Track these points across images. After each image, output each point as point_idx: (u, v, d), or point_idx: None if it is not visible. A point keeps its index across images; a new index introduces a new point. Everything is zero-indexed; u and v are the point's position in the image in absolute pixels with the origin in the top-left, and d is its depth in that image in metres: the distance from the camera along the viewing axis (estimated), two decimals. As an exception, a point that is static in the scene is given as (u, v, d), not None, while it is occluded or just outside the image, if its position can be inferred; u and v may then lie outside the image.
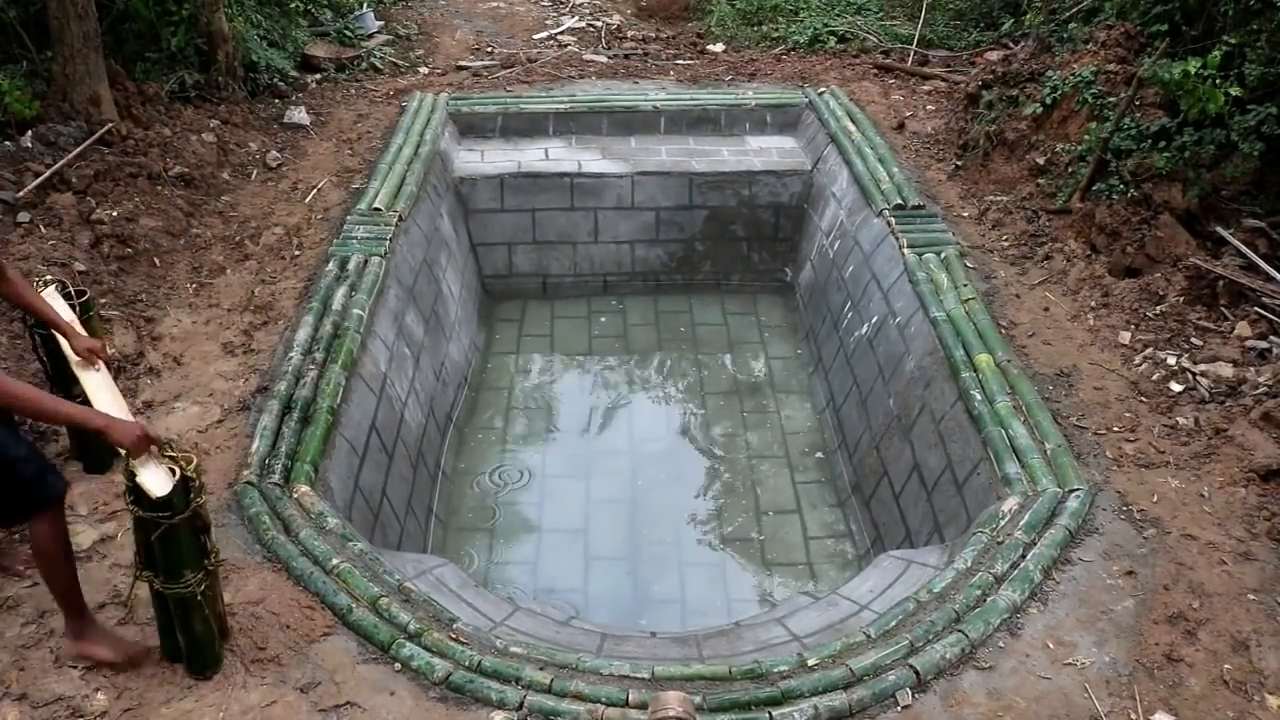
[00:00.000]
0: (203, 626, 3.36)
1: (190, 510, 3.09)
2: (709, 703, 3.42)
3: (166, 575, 3.18)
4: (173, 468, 3.07)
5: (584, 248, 8.17)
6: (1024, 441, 4.69)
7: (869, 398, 6.20)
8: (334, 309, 5.63)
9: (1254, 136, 5.88)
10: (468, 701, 3.46)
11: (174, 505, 3.03)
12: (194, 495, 3.10)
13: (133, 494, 3.04)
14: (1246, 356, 5.13)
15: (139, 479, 3.01)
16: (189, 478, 3.08)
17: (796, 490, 6.21)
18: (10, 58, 7.34)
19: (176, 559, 3.16)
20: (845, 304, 6.98)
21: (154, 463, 3.08)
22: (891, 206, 6.87)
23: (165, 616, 3.37)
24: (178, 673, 3.46)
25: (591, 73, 9.94)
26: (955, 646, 3.65)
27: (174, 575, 3.18)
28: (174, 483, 3.02)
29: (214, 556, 3.30)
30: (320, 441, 4.70)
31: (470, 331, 7.50)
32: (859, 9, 11.38)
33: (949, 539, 4.74)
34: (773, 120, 8.83)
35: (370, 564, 4.09)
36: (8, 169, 6.33)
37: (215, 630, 3.44)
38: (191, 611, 3.29)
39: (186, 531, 3.14)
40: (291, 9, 9.81)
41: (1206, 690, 3.52)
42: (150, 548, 3.14)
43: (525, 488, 6.17)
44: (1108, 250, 6.20)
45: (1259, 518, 4.23)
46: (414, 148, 7.71)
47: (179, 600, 3.25)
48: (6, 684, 3.40)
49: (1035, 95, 7.34)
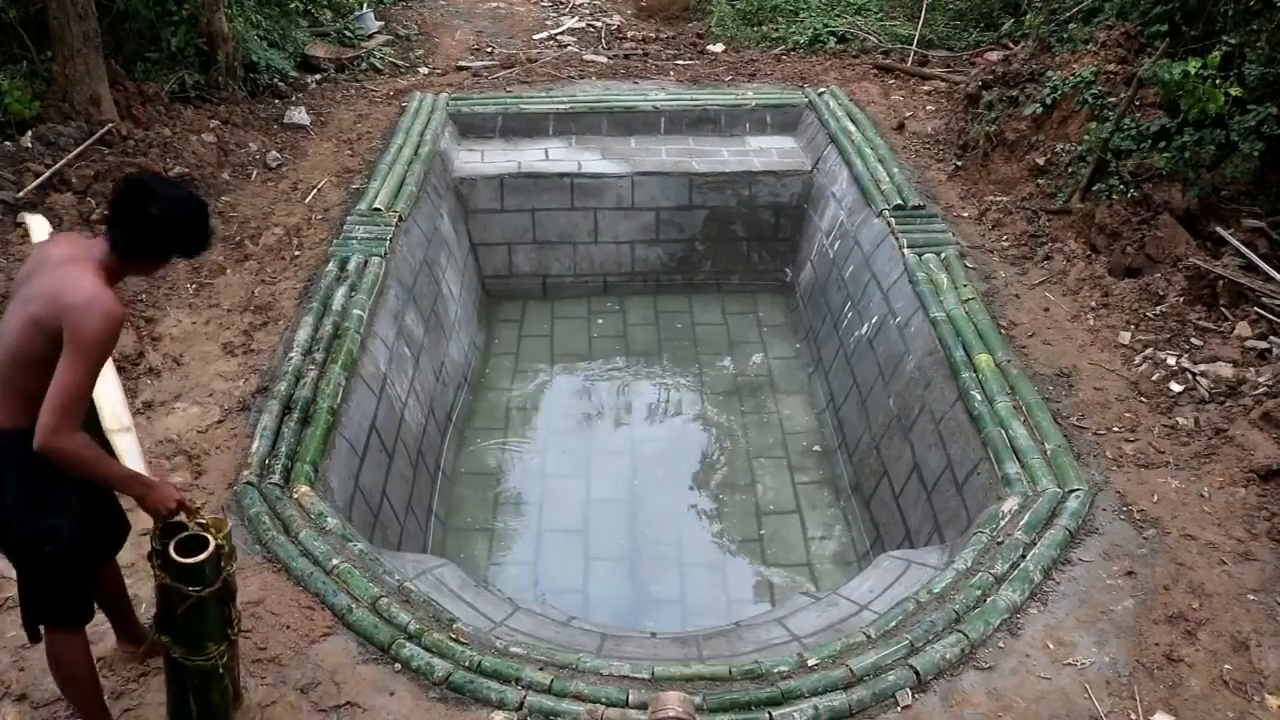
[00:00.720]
0: (219, 698, 3.10)
1: (220, 582, 2.86)
2: (709, 703, 3.42)
3: (188, 647, 2.94)
4: (205, 535, 2.83)
5: (584, 248, 8.17)
6: (1024, 442, 4.69)
7: (869, 398, 6.20)
8: (334, 309, 5.63)
9: (1254, 136, 5.88)
10: (468, 701, 3.46)
11: (204, 577, 2.81)
12: (224, 564, 2.88)
13: (160, 559, 2.81)
14: (1246, 356, 5.13)
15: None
16: (220, 546, 2.84)
17: (796, 490, 6.21)
18: (10, 58, 7.34)
19: (200, 631, 2.92)
20: (845, 304, 6.98)
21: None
22: (891, 207, 6.87)
23: (178, 684, 3.09)
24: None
25: (591, 73, 9.94)
26: (955, 647, 3.65)
27: (196, 648, 2.94)
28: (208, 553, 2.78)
29: (237, 624, 3.09)
30: (320, 442, 4.70)
31: (470, 332, 7.50)
32: (859, 9, 11.37)
33: (949, 539, 4.74)
34: (773, 120, 8.83)
35: (370, 564, 4.09)
36: (8, 169, 6.33)
37: (229, 701, 3.19)
38: (211, 684, 3.04)
39: (214, 603, 2.90)
40: (291, 9, 9.81)
41: (1206, 690, 3.52)
42: (172, 619, 2.91)
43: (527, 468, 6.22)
44: (1108, 250, 6.20)
45: (1259, 518, 4.23)
46: (414, 148, 7.71)
47: (199, 672, 3.00)
48: (6, 684, 3.39)
49: (1035, 95, 7.33)
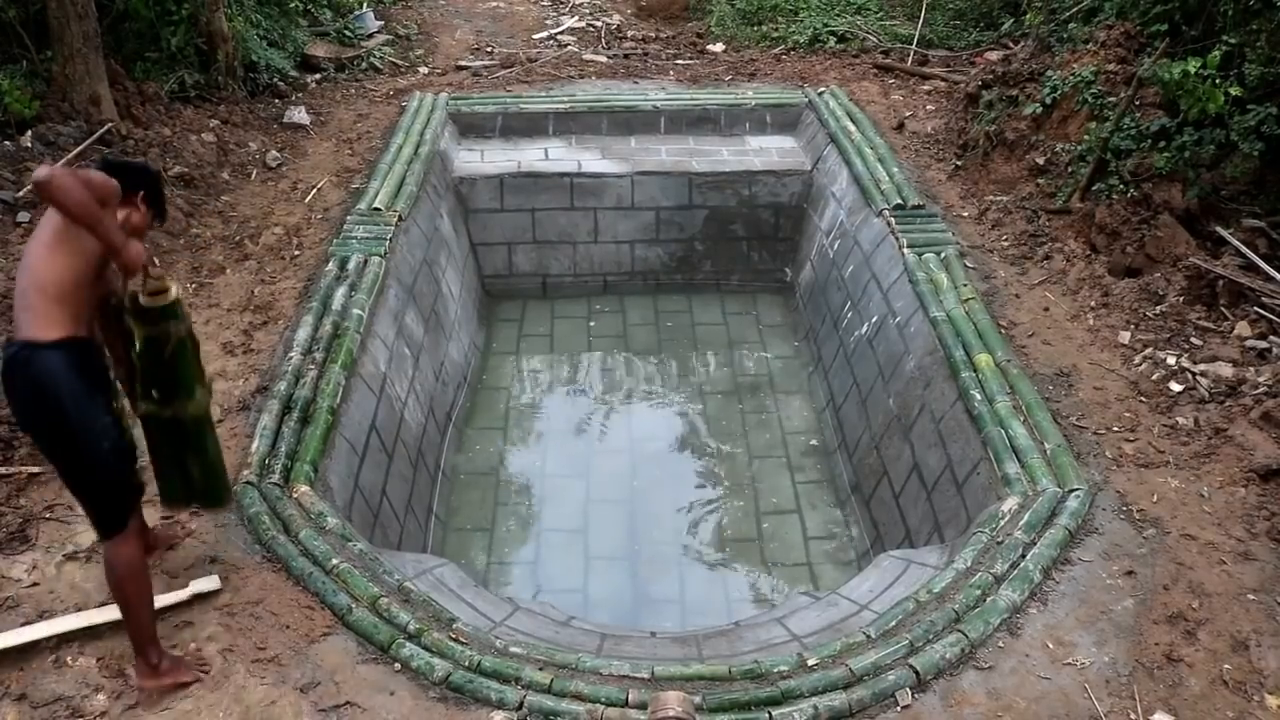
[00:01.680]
0: (214, 449, 3.47)
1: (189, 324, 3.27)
2: (709, 703, 3.42)
3: (180, 394, 3.29)
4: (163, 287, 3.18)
5: (584, 247, 8.17)
6: (1024, 441, 4.69)
7: (869, 397, 6.20)
8: (334, 309, 5.63)
9: (1254, 136, 5.88)
10: (467, 701, 3.46)
11: (179, 314, 3.19)
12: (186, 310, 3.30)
13: (138, 315, 3.17)
14: (1246, 356, 5.13)
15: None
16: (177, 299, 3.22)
17: (796, 490, 6.21)
18: (10, 58, 7.34)
19: (188, 374, 3.28)
20: (845, 304, 6.98)
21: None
22: (891, 206, 6.86)
23: (172, 450, 3.44)
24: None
25: (591, 73, 9.94)
26: (955, 646, 3.65)
27: (187, 392, 3.29)
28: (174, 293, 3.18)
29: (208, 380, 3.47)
30: (320, 441, 4.70)
31: (470, 331, 7.50)
32: (859, 9, 11.38)
33: (949, 539, 4.74)
34: (773, 120, 8.83)
35: (370, 564, 4.09)
36: (8, 169, 6.33)
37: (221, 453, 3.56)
38: (205, 433, 3.41)
39: (190, 343, 3.27)
40: (291, 9, 9.81)
41: (1206, 690, 3.52)
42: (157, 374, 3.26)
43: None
44: (1108, 250, 6.20)
45: (1259, 518, 4.23)
46: (414, 148, 7.71)
47: (195, 420, 3.36)
48: (6, 684, 3.40)
49: (1035, 95, 7.33)
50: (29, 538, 4.00)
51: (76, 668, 3.47)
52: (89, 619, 3.59)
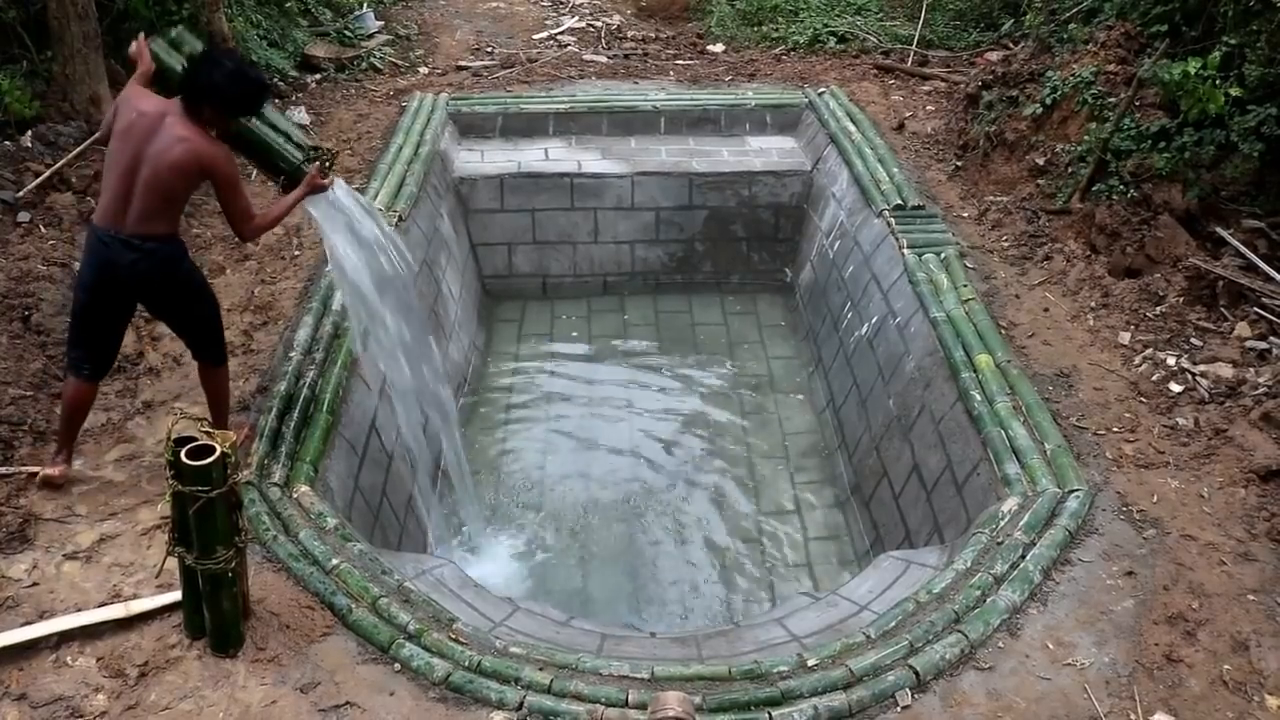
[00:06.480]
0: (230, 604, 3.46)
1: (226, 485, 3.24)
2: (709, 703, 3.42)
3: (200, 551, 3.31)
4: (211, 444, 3.21)
5: (584, 248, 8.17)
6: (1024, 442, 4.69)
7: (869, 398, 6.20)
8: (334, 309, 5.63)
9: (1254, 137, 5.87)
10: (467, 702, 3.46)
11: (212, 479, 3.18)
12: (230, 472, 3.26)
13: (174, 469, 3.20)
14: (1246, 357, 5.13)
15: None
16: (226, 454, 3.22)
17: (796, 490, 6.21)
18: (10, 58, 7.33)
19: (211, 535, 3.28)
20: (845, 304, 6.98)
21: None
22: (891, 207, 6.87)
23: (194, 595, 3.48)
24: (179, 671, 3.47)
25: (591, 73, 9.94)
26: (955, 647, 3.65)
27: (207, 551, 3.30)
28: (214, 457, 3.18)
29: (244, 535, 3.44)
30: (320, 442, 4.70)
31: (470, 332, 7.50)
32: (859, 9, 11.37)
33: (949, 539, 4.74)
34: (773, 120, 8.83)
35: (370, 564, 4.09)
36: (8, 169, 6.32)
37: (239, 609, 3.54)
38: (221, 588, 3.41)
39: (222, 507, 3.27)
40: (291, 9, 9.80)
41: (1206, 691, 3.52)
42: (185, 524, 3.28)
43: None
44: (1107, 251, 6.20)
45: (1259, 518, 4.23)
46: (414, 148, 7.70)
47: (210, 577, 3.37)
48: (6, 684, 3.40)
49: (1035, 96, 7.33)
50: (29, 538, 4.00)
51: (76, 668, 3.47)
52: (89, 619, 3.59)
